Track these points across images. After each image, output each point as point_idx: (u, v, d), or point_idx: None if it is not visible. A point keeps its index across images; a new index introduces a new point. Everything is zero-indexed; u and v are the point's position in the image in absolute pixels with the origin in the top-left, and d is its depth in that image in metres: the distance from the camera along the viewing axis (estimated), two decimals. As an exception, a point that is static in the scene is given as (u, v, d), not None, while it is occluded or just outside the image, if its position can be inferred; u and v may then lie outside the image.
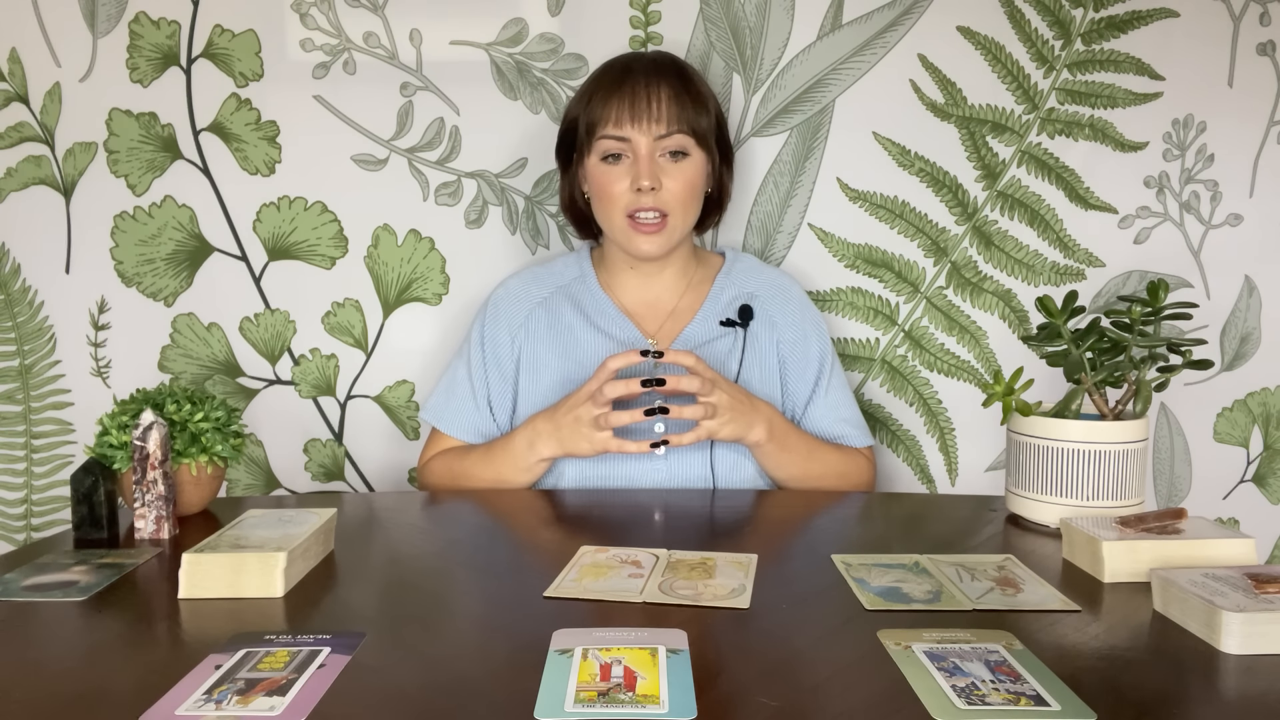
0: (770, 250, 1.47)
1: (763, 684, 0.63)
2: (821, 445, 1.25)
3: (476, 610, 0.79)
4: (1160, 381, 1.02)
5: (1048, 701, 0.59)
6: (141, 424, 0.95)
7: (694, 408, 1.11)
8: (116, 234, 1.45)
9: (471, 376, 1.29)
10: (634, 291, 1.31)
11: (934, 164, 1.45)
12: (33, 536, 1.50)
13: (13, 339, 1.47)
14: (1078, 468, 0.96)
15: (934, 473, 1.51)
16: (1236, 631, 0.66)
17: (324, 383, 1.49)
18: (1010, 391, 1.00)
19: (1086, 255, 1.47)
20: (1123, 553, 0.82)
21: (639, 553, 0.88)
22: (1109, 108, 1.43)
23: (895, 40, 1.42)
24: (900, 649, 0.67)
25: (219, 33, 1.41)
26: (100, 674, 0.65)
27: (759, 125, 1.44)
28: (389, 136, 1.44)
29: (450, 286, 1.47)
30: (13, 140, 1.43)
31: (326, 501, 1.14)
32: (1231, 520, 1.54)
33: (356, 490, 1.51)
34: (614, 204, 1.22)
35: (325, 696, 0.61)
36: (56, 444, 1.49)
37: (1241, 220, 1.47)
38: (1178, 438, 1.52)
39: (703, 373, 1.11)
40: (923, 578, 0.82)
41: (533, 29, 1.41)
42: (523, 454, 1.18)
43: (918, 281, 1.47)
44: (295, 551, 0.82)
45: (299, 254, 1.46)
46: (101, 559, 0.89)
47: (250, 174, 1.44)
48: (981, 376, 1.49)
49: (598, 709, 0.58)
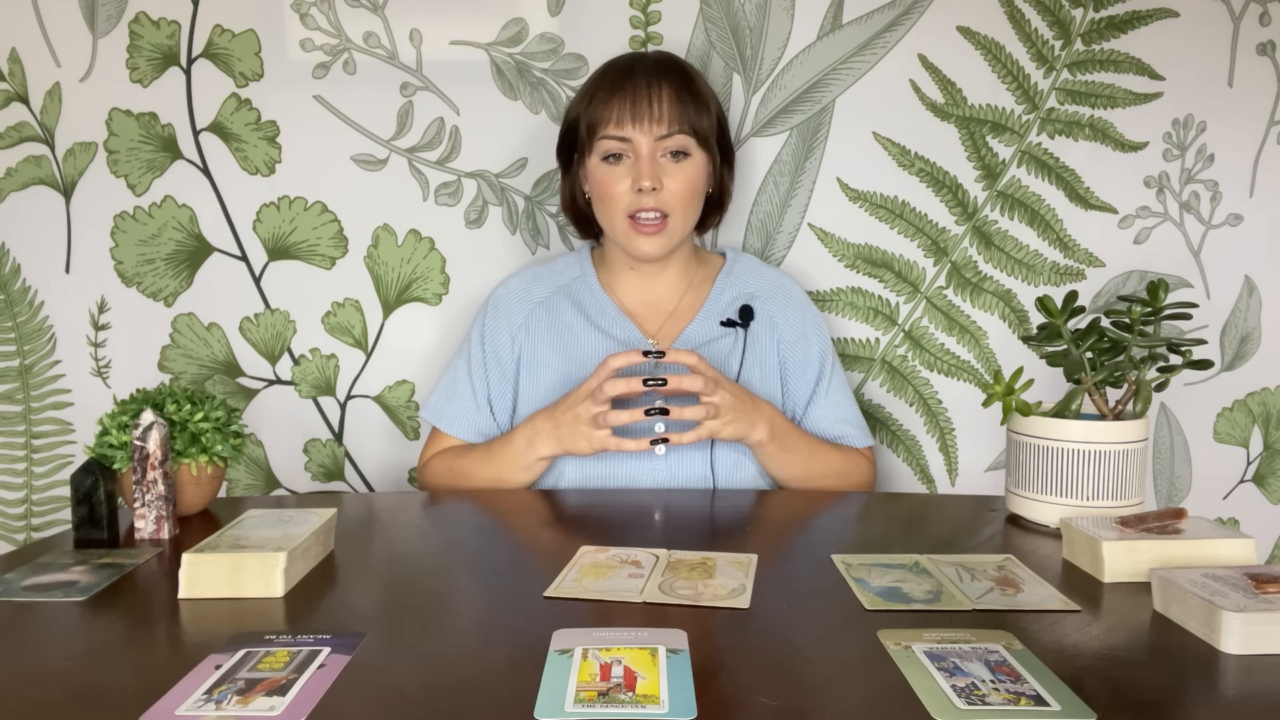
0: (770, 250, 1.47)
1: (763, 684, 0.63)
2: (822, 445, 1.25)
3: (476, 610, 0.79)
4: (1160, 381, 1.02)
5: (1048, 701, 0.59)
6: (141, 424, 0.95)
7: (696, 408, 1.10)
8: (116, 234, 1.45)
9: (472, 376, 1.29)
10: (635, 292, 1.31)
11: (934, 164, 1.45)
12: (33, 536, 1.50)
13: (13, 339, 1.47)
14: (1078, 468, 0.96)
15: (934, 473, 1.51)
16: (1236, 631, 0.66)
17: (324, 383, 1.49)
18: (1010, 391, 1.00)
19: (1086, 255, 1.47)
20: (1123, 553, 0.82)
21: (639, 553, 0.88)
22: (1109, 108, 1.43)
23: (895, 40, 1.42)
24: (900, 649, 0.67)
25: (219, 33, 1.41)
26: (100, 674, 0.65)
27: (759, 125, 1.44)
28: (389, 136, 1.44)
29: (450, 286, 1.47)
30: (13, 140, 1.43)
31: (326, 501, 1.14)
32: (1231, 520, 1.54)
33: (356, 490, 1.51)
34: (615, 204, 1.22)
35: (325, 696, 0.60)
36: (56, 444, 1.49)
37: (1241, 220, 1.47)
38: (1178, 438, 1.52)
39: (705, 372, 1.11)
40: (923, 578, 0.82)
41: (533, 29, 1.41)
42: (522, 452, 1.18)
43: (918, 281, 1.47)
44: (295, 551, 0.82)
45: (299, 254, 1.46)
46: (101, 559, 0.89)
47: (250, 174, 1.44)
48: (981, 376, 1.49)
49: (598, 709, 0.58)
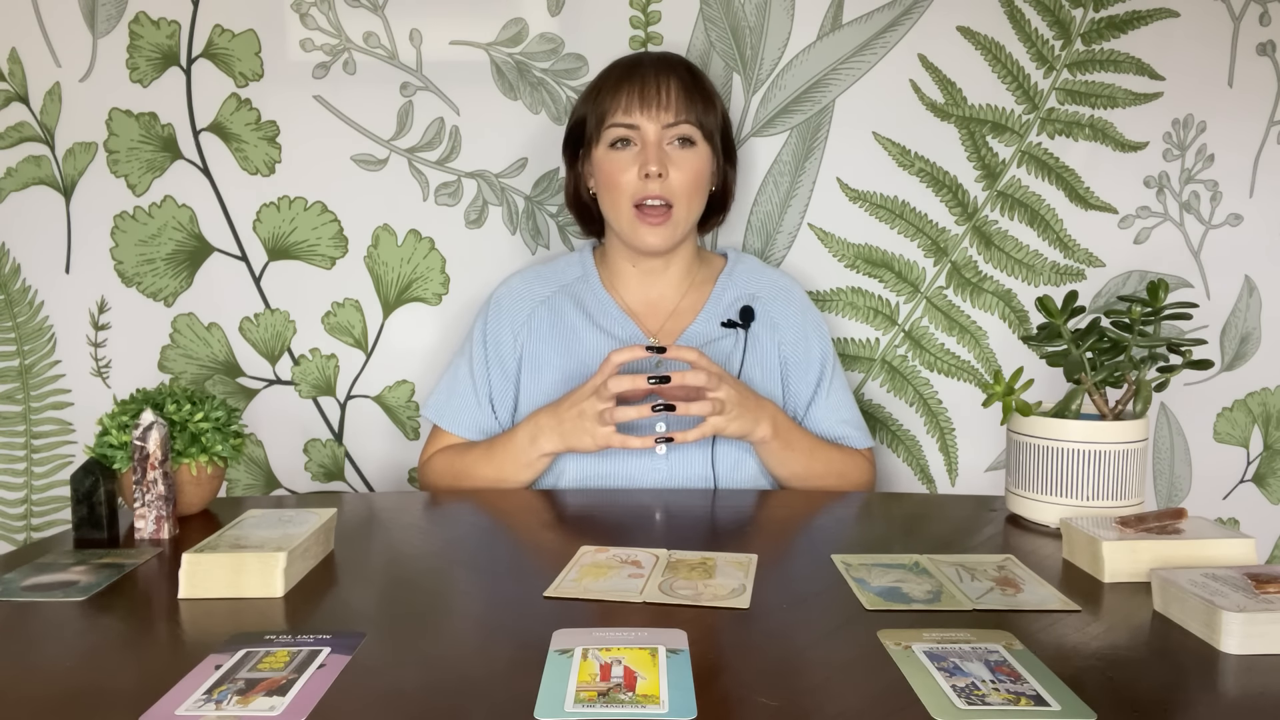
0: (770, 250, 1.47)
1: (763, 684, 0.63)
2: (823, 444, 1.25)
3: (476, 610, 0.79)
4: (1160, 381, 1.02)
5: (1048, 701, 0.59)
6: (141, 424, 0.95)
7: (702, 403, 1.10)
8: (116, 234, 1.45)
9: (473, 374, 1.29)
10: (636, 291, 1.31)
11: (934, 164, 1.45)
12: (33, 536, 1.50)
13: (13, 339, 1.47)
14: (1078, 468, 0.96)
15: (934, 473, 1.51)
16: (1236, 631, 0.66)
17: (324, 383, 1.49)
18: (1010, 391, 0.99)
19: (1086, 255, 1.47)
20: (1123, 553, 0.82)
21: (639, 553, 0.88)
22: (1109, 108, 1.43)
23: (895, 40, 1.42)
24: (900, 649, 0.67)
25: (219, 33, 1.41)
26: (100, 674, 0.65)
27: (759, 125, 1.44)
28: (389, 136, 1.44)
29: (450, 286, 1.47)
30: (13, 140, 1.43)
31: (326, 501, 1.14)
32: (1231, 520, 1.54)
33: (356, 490, 1.51)
34: (621, 192, 1.22)
35: (325, 696, 0.60)
36: (56, 444, 1.49)
37: (1241, 220, 1.47)
38: (1178, 438, 1.52)
39: (707, 367, 1.11)
40: (923, 578, 0.82)
41: (533, 29, 1.41)
42: (525, 449, 1.17)
43: (918, 281, 1.47)
44: (295, 551, 0.82)
45: (299, 254, 1.46)
46: (101, 559, 0.89)
47: (250, 174, 1.44)
48: (981, 376, 1.49)
49: (598, 709, 0.58)
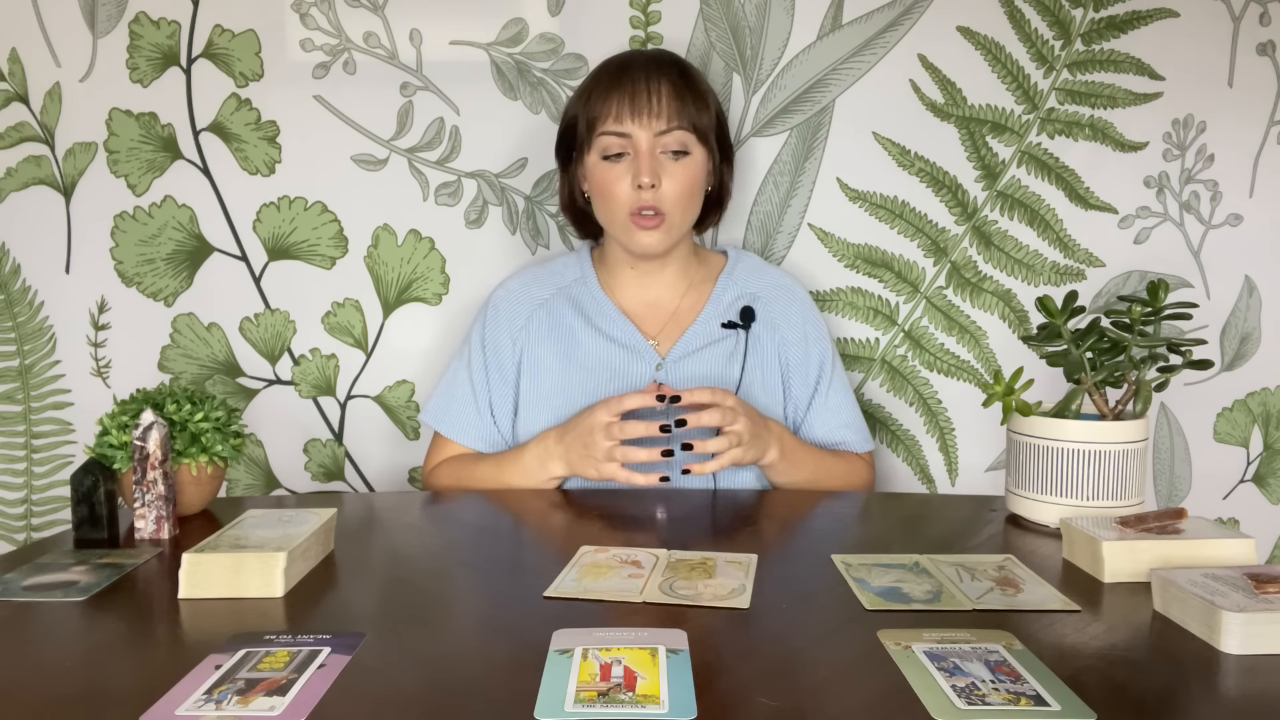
0: (770, 250, 1.47)
1: (763, 684, 0.63)
2: (826, 457, 1.25)
3: (476, 610, 0.79)
4: (1160, 381, 1.02)
5: (1048, 701, 0.59)
6: (141, 424, 0.95)
7: (719, 439, 1.11)
8: (116, 234, 1.45)
9: (472, 379, 1.29)
10: (635, 292, 1.31)
11: (934, 164, 1.45)
12: (33, 536, 1.50)
13: (13, 339, 1.47)
14: (1078, 468, 0.96)
15: (934, 473, 1.51)
16: (1236, 631, 0.66)
17: (324, 383, 1.49)
18: (1010, 391, 0.99)
19: (1086, 255, 1.47)
20: (1123, 553, 0.82)
21: (639, 553, 0.88)
22: (1109, 108, 1.43)
23: (895, 40, 1.42)
24: (900, 649, 0.67)
25: (219, 33, 1.41)
26: (100, 674, 0.65)
27: (759, 125, 1.44)
28: (389, 136, 1.44)
29: (450, 286, 1.47)
30: (13, 140, 1.43)
31: (326, 501, 1.14)
32: (1231, 520, 1.54)
33: (356, 490, 1.51)
34: (616, 202, 1.22)
35: (325, 696, 0.60)
36: (56, 444, 1.49)
37: (1241, 220, 1.47)
38: (1178, 438, 1.52)
39: (724, 403, 1.11)
40: (923, 578, 0.82)
41: (533, 29, 1.41)
42: (534, 471, 1.18)
43: (918, 281, 1.47)
44: (295, 551, 0.82)
45: (299, 254, 1.46)
46: (101, 559, 0.89)
47: (250, 174, 1.44)
48: (981, 376, 1.49)
49: (598, 709, 0.58)
